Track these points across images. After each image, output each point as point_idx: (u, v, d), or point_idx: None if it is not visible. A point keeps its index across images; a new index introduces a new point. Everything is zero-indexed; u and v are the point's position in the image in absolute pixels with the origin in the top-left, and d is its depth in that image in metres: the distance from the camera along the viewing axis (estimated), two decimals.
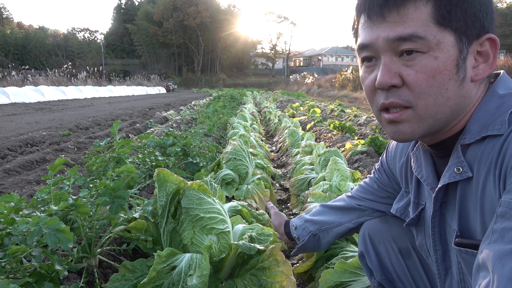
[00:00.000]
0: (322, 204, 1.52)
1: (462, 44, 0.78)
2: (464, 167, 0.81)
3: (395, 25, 0.78)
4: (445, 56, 0.77)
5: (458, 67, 0.78)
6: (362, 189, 1.37)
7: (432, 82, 0.78)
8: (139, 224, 1.73)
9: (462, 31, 0.77)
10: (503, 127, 0.75)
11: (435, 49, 0.77)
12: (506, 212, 0.65)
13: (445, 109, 0.81)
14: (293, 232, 1.53)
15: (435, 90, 0.79)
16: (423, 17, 0.76)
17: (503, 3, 49.96)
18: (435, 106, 0.80)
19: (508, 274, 0.57)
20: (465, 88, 0.80)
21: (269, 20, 75.00)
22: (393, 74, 0.80)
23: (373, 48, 0.83)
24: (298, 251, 1.55)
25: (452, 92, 0.79)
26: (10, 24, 65.20)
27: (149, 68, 60.46)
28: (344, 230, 1.40)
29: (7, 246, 1.21)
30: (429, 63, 0.77)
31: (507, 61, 16.72)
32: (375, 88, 0.85)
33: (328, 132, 6.48)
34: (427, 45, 0.77)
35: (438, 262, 0.96)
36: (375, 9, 0.80)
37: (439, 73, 0.77)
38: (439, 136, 0.88)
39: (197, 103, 15.59)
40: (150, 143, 3.42)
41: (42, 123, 9.15)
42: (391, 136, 0.88)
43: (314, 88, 35.30)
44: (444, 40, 0.77)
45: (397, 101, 0.81)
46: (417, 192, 1.04)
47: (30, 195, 3.18)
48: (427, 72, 0.78)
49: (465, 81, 0.80)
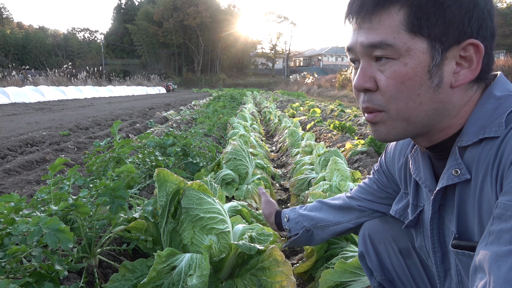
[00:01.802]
0: (319, 200, 1.49)
1: (435, 50, 0.78)
2: (462, 170, 0.81)
3: (369, 31, 0.81)
4: (415, 62, 0.78)
5: (430, 73, 0.79)
6: (362, 190, 1.36)
7: (401, 87, 0.80)
8: (139, 224, 1.73)
9: (436, 37, 0.77)
10: (500, 129, 0.75)
11: (405, 56, 0.78)
12: (502, 213, 0.65)
13: (418, 113, 0.82)
14: (284, 223, 1.50)
15: (405, 95, 0.80)
16: (394, 24, 0.78)
17: (503, 3, 49.94)
18: (406, 110, 0.82)
19: (504, 276, 0.57)
20: (442, 94, 0.80)
21: (269, 20, 75.02)
22: (368, 78, 0.83)
23: (354, 52, 0.87)
24: (289, 245, 1.53)
25: (425, 98, 0.80)
26: (10, 24, 65.20)
27: (149, 68, 60.48)
28: (342, 230, 1.39)
29: (7, 246, 1.21)
30: (398, 69, 0.79)
31: (507, 61, 16.70)
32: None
33: (328, 132, 6.48)
34: (397, 52, 0.78)
35: (437, 264, 0.96)
36: (353, 16, 0.84)
37: (408, 79, 0.79)
38: (433, 138, 0.88)
39: (197, 103, 15.59)
40: (150, 143, 3.42)
41: (42, 123, 9.15)
42: (373, 135, 0.93)
43: (314, 88, 35.31)
44: (415, 47, 0.78)
45: (371, 106, 0.85)
46: (415, 194, 1.04)
47: (30, 195, 3.18)
48: (396, 78, 0.80)
49: (441, 86, 0.80)
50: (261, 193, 1.73)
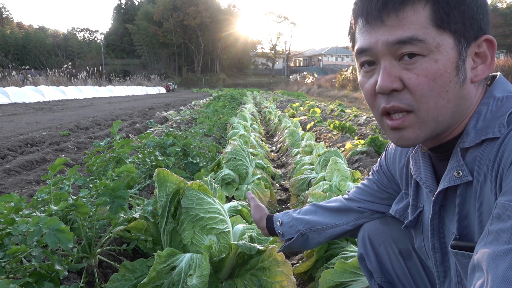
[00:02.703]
0: (313, 204, 1.45)
1: (461, 46, 0.78)
2: (464, 171, 0.81)
3: (394, 28, 0.78)
4: (445, 58, 0.77)
5: (458, 69, 0.78)
6: (361, 191, 1.34)
7: (433, 85, 0.78)
8: (139, 224, 1.73)
9: (461, 33, 0.77)
10: (502, 129, 0.76)
11: (435, 52, 0.77)
12: (501, 213, 0.65)
13: (446, 111, 0.80)
14: (277, 228, 1.45)
15: (436, 92, 0.78)
16: (422, 20, 0.76)
17: (503, 3, 49.92)
18: (436, 108, 0.80)
19: (502, 275, 0.58)
20: (465, 90, 0.80)
21: (269, 20, 75.01)
22: (394, 78, 0.80)
23: (372, 53, 0.83)
24: (284, 250, 1.49)
25: (453, 94, 0.79)
26: (10, 24, 65.17)
27: (149, 68, 60.46)
28: (340, 232, 1.36)
29: (7, 246, 1.21)
30: (429, 66, 0.77)
31: (507, 61, 16.68)
32: (375, 93, 0.85)
33: (328, 132, 6.48)
34: (427, 48, 0.77)
35: (437, 264, 0.96)
36: (374, 13, 0.80)
37: (439, 76, 0.77)
38: (440, 139, 0.88)
39: (197, 103, 15.59)
40: (150, 143, 3.42)
41: (42, 123, 9.15)
42: (395, 143, 0.88)
43: (314, 88, 35.30)
44: (443, 43, 0.77)
45: (399, 104, 0.81)
46: (415, 194, 1.04)
47: (30, 195, 3.18)
48: (428, 75, 0.78)
49: (465, 82, 0.80)
50: (250, 198, 1.66)
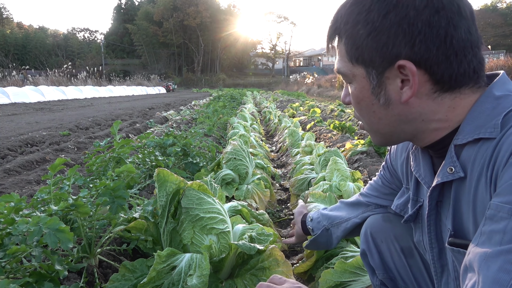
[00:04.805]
0: (340, 200, 1.60)
1: (370, 75, 0.86)
2: (456, 167, 0.82)
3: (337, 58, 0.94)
4: (360, 86, 0.89)
5: (374, 94, 0.87)
6: (370, 186, 1.44)
7: (359, 107, 0.93)
8: (139, 224, 1.73)
9: (368, 63, 0.85)
10: (495, 130, 0.75)
11: (353, 81, 0.90)
12: (494, 215, 0.66)
13: (383, 126, 0.91)
14: (308, 223, 1.63)
15: (365, 113, 0.92)
16: (343, 54, 0.90)
17: (503, 3, 49.90)
18: (371, 124, 0.93)
19: (493, 276, 0.58)
20: (396, 109, 0.86)
21: (269, 20, 74.92)
22: (345, 94, 0.98)
23: None
24: (310, 244, 1.64)
25: (381, 113, 0.89)
26: (10, 24, 65.17)
27: (149, 68, 60.45)
28: (351, 226, 1.46)
29: (7, 246, 1.21)
30: (353, 91, 0.92)
31: (507, 61, 16.71)
32: None
33: (328, 132, 6.48)
34: (348, 77, 0.91)
35: (435, 259, 0.98)
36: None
37: (360, 100, 0.91)
38: (426, 140, 0.90)
39: (197, 103, 15.58)
40: (150, 143, 3.42)
41: (42, 123, 9.15)
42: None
43: (314, 88, 35.29)
44: (357, 73, 0.88)
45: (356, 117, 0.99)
46: (416, 189, 1.06)
47: (30, 195, 3.18)
48: (354, 99, 0.93)
49: (391, 103, 0.86)
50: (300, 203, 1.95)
